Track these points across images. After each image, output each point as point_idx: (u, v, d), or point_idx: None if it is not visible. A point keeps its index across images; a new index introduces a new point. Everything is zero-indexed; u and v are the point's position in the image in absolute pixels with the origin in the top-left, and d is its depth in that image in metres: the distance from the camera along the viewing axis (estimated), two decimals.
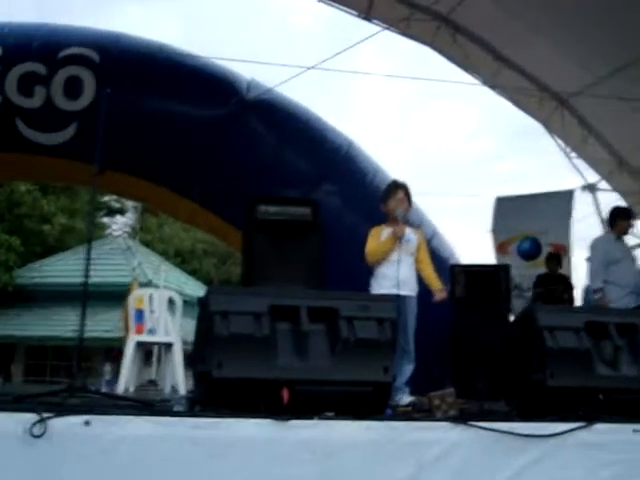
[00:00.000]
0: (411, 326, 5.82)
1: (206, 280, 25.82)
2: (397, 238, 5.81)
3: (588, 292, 9.23)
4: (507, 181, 42.00)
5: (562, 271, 10.47)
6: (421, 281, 6.08)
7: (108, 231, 30.52)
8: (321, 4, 11.04)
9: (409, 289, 5.87)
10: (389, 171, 10.34)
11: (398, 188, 6.12)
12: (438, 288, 5.96)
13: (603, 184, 12.68)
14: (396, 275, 5.71)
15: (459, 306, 8.63)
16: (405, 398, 5.53)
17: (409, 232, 6.00)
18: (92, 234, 5.68)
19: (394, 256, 5.81)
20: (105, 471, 3.45)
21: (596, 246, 7.78)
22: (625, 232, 7.79)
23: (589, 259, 7.85)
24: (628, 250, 7.84)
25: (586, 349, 4.32)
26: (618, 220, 7.67)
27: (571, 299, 9.67)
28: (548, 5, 9.73)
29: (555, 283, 9.78)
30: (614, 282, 7.42)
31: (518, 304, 10.43)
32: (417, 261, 6.03)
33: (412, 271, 5.96)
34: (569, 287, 9.85)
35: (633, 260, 7.72)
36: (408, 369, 5.76)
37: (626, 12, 9.18)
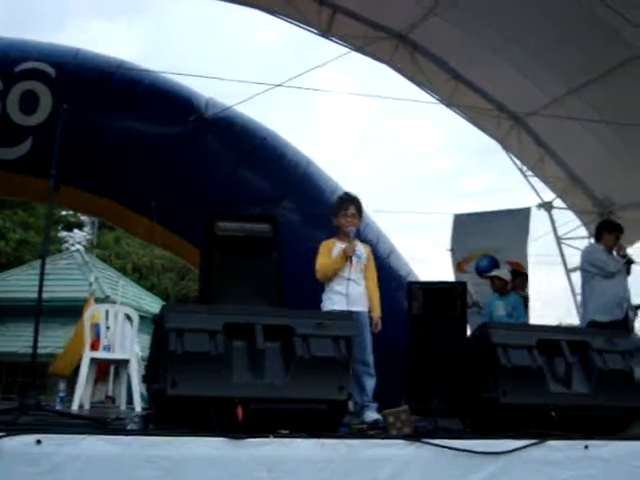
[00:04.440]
0: (367, 341, 5.76)
1: (164, 296, 25.62)
2: (347, 257, 5.77)
3: (487, 305, 9.32)
4: (469, 197, 42.34)
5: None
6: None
7: (65, 245, 30.17)
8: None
9: (361, 305, 5.81)
10: (350, 188, 10.41)
11: (349, 202, 6.03)
12: (376, 316, 5.87)
13: (558, 202, 12.87)
14: (347, 292, 5.70)
15: (416, 323, 8.69)
16: (372, 415, 5.50)
17: (359, 247, 5.96)
18: (47, 250, 5.63)
19: (345, 272, 5.76)
20: None
21: (591, 252, 7.87)
22: (612, 246, 7.72)
23: (582, 266, 7.84)
24: (619, 265, 7.70)
25: (538, 367, 4.37)
26: (604, 233, 7.64)
27: None
28: (505, 26, 9.90)
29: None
30: (595, 293, 7.43)
31: (477, 321, 10.52)
32: (364, 276, 5.97)
33: (363, 287, 5.90)
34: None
35: (622, 275, 7.64)
36: (370, 384, 5.71)
37: (581, 35, 9.38)
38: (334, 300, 5.77)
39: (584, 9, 9.01)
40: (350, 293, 5.69)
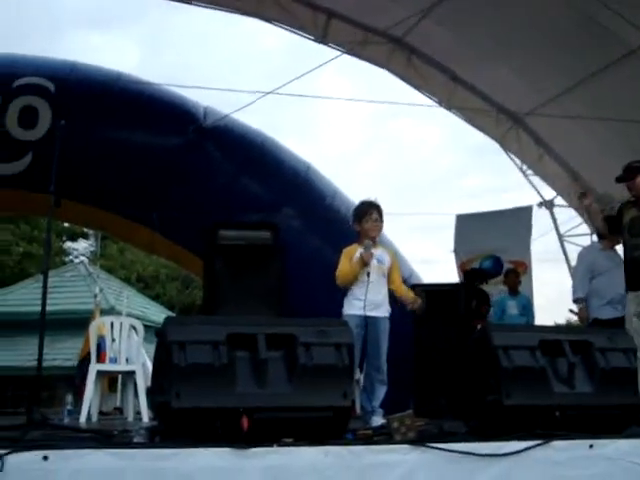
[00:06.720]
0: (383, 348, 5.77)
1: (169, 305, 25.62)
2: (364, 264, 5.73)
3: (498, 305, 9.30)
4: (471, 198, 42.30)
5: (523, 287, 10.54)
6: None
7: (70, 257, 30.22)
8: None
9: (381, 311, 5.80)
10: (352, 191, 10.48)
11: (372, 207, 6.00)
12: (411, 297, 5.96)
13: (560, 200, 12.87)
14: (368, 297, 5.67)
15: (420, 325, 8.68)
16: (377, 420, 5.51)
17: (381, 252, 5.94)
18: (49, 265, 5.65)
19: (365, 277, 5.74)
20: None
21: (581, 256, 7.86)
22: (617, 243, 7.61)
23: (574, 269, 7.82)
24: (617, 260, 7.58)
25: (541, 367, 4.36)
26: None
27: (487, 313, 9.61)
28: (499, 28, 9.93)
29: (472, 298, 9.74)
30: (594, 293, 7.42)
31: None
32: (389, 282, 5.95)
33: (385, 292, 5.88)
34: (486, 302, 9.75)
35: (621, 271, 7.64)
36: (381, 391, 5.74)
37: (575, 34, 9.41)
38: (354, 305, 5.74)
39: (578, 8, 9.04)
40: (369, 299, 5.68)
